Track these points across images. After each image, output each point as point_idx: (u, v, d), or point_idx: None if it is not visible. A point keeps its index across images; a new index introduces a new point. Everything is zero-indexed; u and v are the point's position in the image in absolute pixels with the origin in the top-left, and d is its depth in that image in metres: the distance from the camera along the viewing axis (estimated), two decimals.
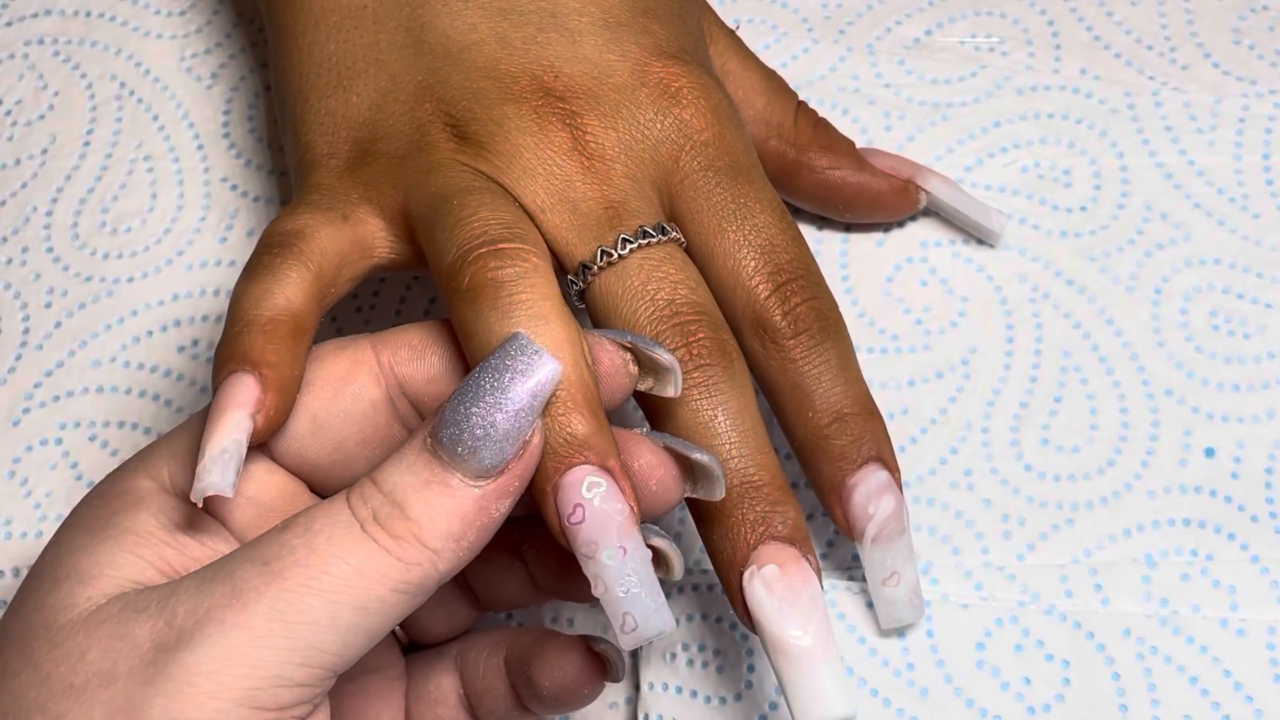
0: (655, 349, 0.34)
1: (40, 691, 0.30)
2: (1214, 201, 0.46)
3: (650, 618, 0.31)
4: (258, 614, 0.30)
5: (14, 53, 0.53)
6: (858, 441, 0.38)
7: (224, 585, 0.30)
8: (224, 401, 0.33)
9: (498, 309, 0.33)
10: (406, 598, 0.31)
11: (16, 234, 0.50)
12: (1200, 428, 0.43)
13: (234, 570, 0.30)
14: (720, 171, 0.38)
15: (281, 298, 0.35)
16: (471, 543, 0.31)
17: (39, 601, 0.32)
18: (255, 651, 0.29)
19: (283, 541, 0.31)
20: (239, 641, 0.29)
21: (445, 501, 0.31)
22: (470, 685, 0.38)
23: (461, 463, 0.31)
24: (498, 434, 0.31)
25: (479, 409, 0.31)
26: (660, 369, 0.35)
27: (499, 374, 0.31)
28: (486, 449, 0.31)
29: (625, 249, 0.37)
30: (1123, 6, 0.49)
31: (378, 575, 0.30)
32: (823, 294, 0.38)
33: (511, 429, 0.31)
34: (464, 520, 0.31)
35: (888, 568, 0.39)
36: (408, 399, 0.35)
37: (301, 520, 0.31)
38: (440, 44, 0.39)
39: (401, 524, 0.30)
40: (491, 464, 0.31)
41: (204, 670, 0.29)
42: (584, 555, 0.32)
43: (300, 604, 0.30)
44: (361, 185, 0.38)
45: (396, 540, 0.30)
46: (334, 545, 0.30)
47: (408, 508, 0.30)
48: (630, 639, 0.32)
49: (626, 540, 0.32)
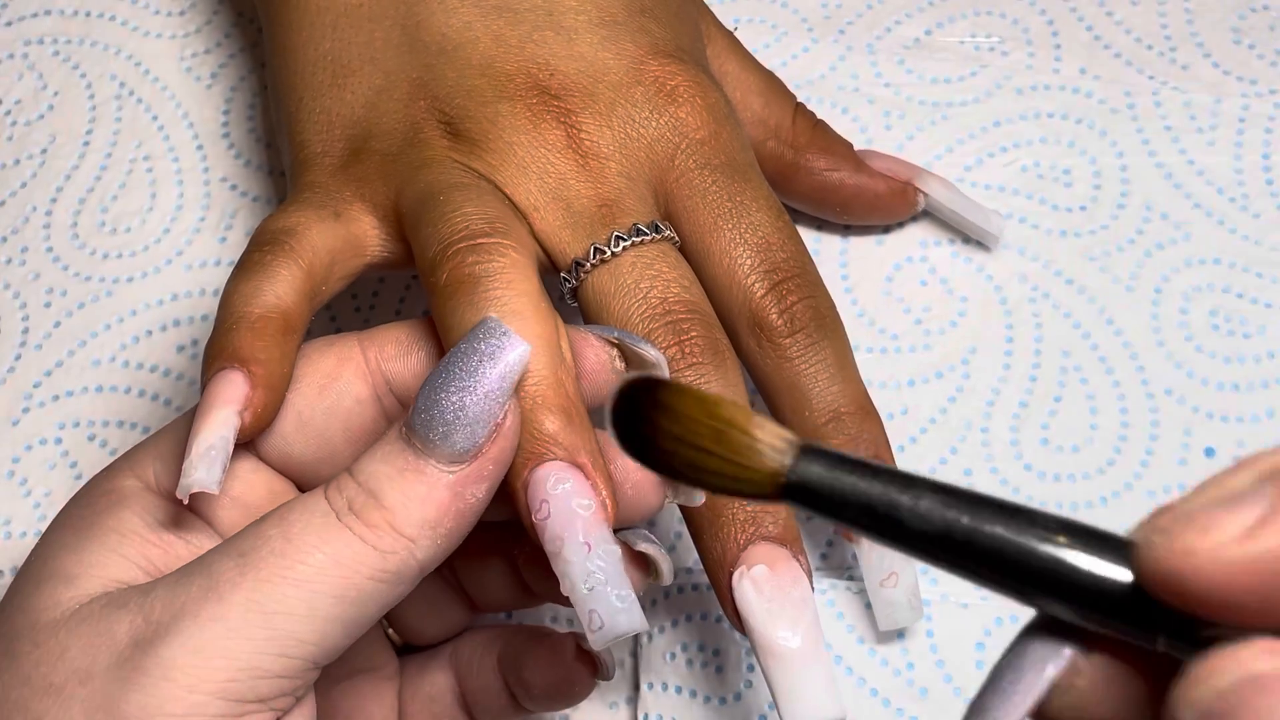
0: (641, 344, 0.34)
1: (22, 691, 0.30)
2: (1214, 201, 0.46)
3: (617, 616, 0.31)
4: (233, 605, 0.29)
5: (14, 52, 0.53)
6: (855, 441, 0.38)
7: (200, 579, 0.30)
8: (212, 398, 0.33)
9: (473, 304, 0.33)
10: (386, 586, 0.30)
11: (16, 234, 0.50)
12: (1200, 427, 0.43)
13: (210, 563, 0.30)
14: (716, 169, 0.38)
15: (272, 295, 0.35)
16: (450, 530, 0.31)
17: (23, 602, 0.32)
18: (231, 643, 0.29)
19: (259, 533, 0.30)
20: (214, 634, 0.29)
21: (419, 489, 0.30)
22: (465, 683, 0.38)
23: (435, 448, 0.30)
24: (468, 417, 0.30)
25: (448, 393, 0.30)
26: (646, 365, 0.34)
27: (467, 358, 0.31)
28: (458, 433, 0.30)
29: (619, 247, 0.37)
30: (1123, 6, 0.49)
31: (354, 564, 0.30)
32: (819, 293, 0.38)
33: (482, 411, 0.30)
34: (439, 507, 0.31)
35: (885, 568, 0.38)
36: (395, 396, 0.35)
37: (278, 513, 0.31)
38: (435, 41, 0.39)
39: (376, 512, 0.30)
40: (464, 448, 0.31)
41: (179, 664, 0.29)
42: (551, 552, 0.32)
43: (276, 594, 0.30)
44: (355, 183, 0.38)
45: (371, 529, 0.30)
46: (309, 535, 0.30)
47: (382, 496, 0.30)
48: (597, 637, 0.31)
49: (592, 536, 0.31)
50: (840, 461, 0.23)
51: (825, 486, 0.23)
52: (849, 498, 0.22)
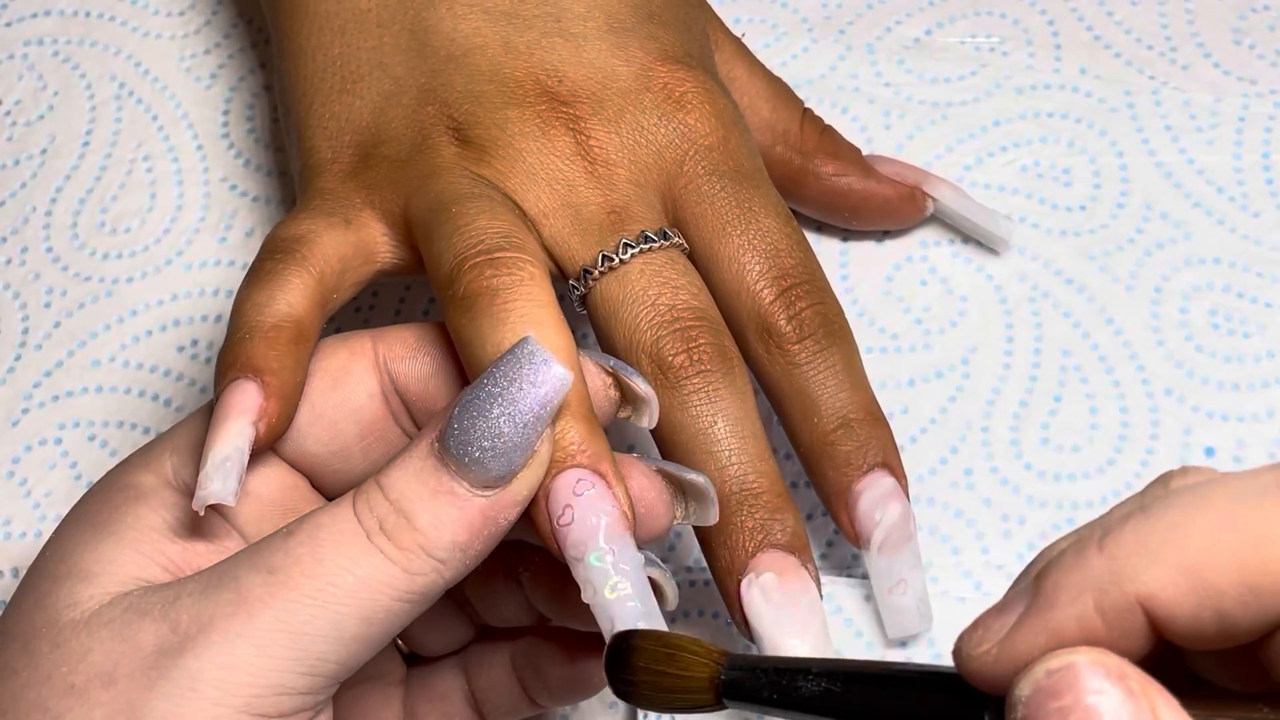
0: (635, 378, 0.34)
1: (41, 690, 0.30)
2: (1214, 200, 0.46)
3: (639, 623, 0.31)
4: (262, 624, 0.29)
5: (13, 53, 0.53)
6: (864, 448, 0.37)
7: (229, 592, 0.30)
8: (226, 408, 0.32)
9: (492, 317, 0.33)
10: (411, 606, 0.31)
11: (16, 234, 0.50)
12: (1200, 427, 0.43)
13: (239, 576, 0.30)
14: (724, 176, 0.38)
15: (284, 303, 0.34)
16: (478, 552, 0.31)
17: (40, 599, 0.32)
18: (259, 661, 0.29)
19: (288, 549, 0.30)
20: (243, 651, 0.29)
21: (452, 511, 0.30)
22: (475, 680, 0.38)
23: (469, 472, 0.30)
24: (506, 445, 0.30)
25: (487, 419, 0.30)
26: (637, 400, 0.34)
27: (509, 383, 0.30)
28: (495, 460, 0.30)
29: (627, 254, 0.37)
30: (1123, 6, 0.49)
31: (383, 586, 0.30)
32: (828, 299, 0.38)
33: (520, 440, 0.30)
34: (471, 530, 0.30)
35: (894, 575, 0.38)
36: (399, 396, 0.35)
37: (306, 527, 0.31)
38: (444, 47, 0.39)
39: (408, 534, 0.30)
40: (499, 474, 0.30)
41: (207, 677, 0.29)
42: (573, 559, 0.31)
43: (305, 615, 0.30)
44: (364, 189, 0.38)
45: (403, 551, 0.30)
46: (340, 555, 0.30)
47: (414, 518, 0.30)
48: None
49: (615, 542, 0.31)
50: (754, 666, 0.28)
51: (746, 683, 0.28)
52: (764, 689, 0.28)
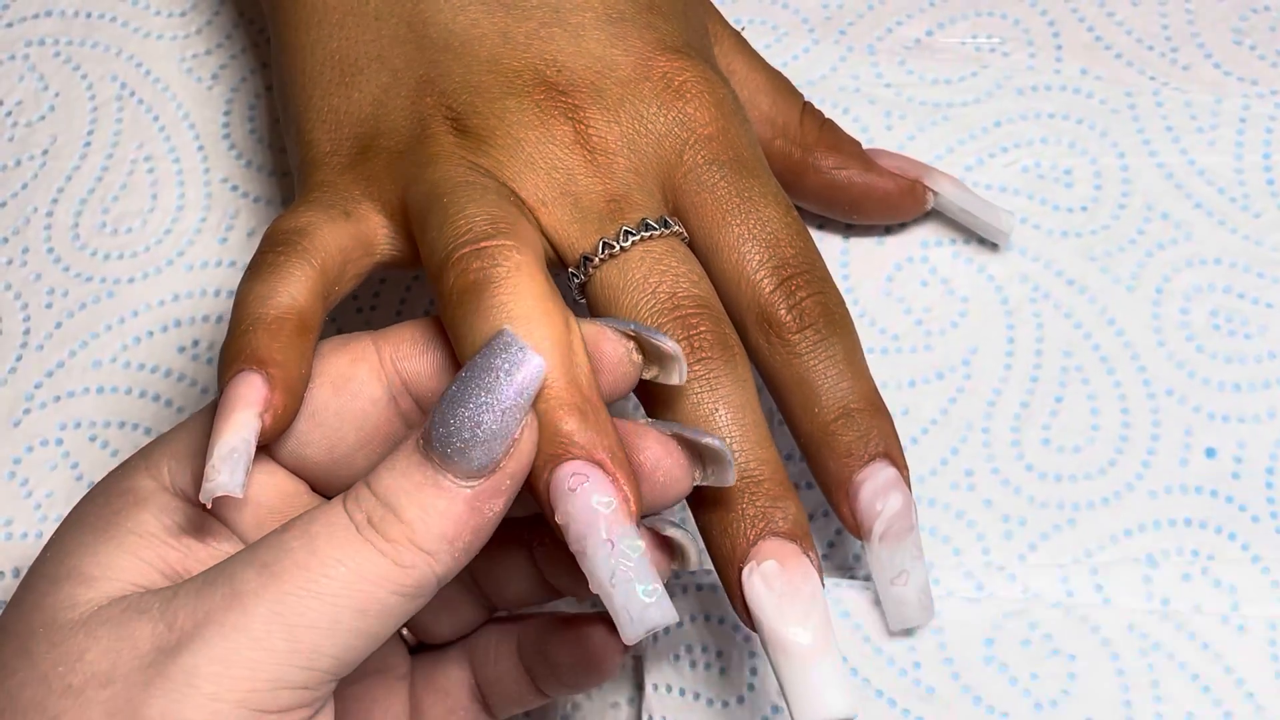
0: (659, 337, 0.34)
1: (38, 690, 0.30)
2: (1215, 201, 0.46)
3: (646, 611, 0.31)
4: (257, 616, 0.30)
5: (15, 54, 0.53)
6: (865, 437, 0.37)
7: (224, 588, 0.30)
8: (231, 401, 0.32)
9: (479, 311, 0.33)
10: (406, 600, 0.31)
11: (17, 234, 0.50)
12: (1201, 427, 0.43)
13: (234, 573, 0.30)
14: (724, 165, 0.38)
15: (286, 295, 0.34)
16: (467, 544, 0.31)
17: (39, 600, 0.32)
18: (255, 654, 0.29)
19: (282, 544, 0.30)
20: (238, 644, 0.29)
21: (438, 503, 0.30)
22: (481, 672, 0.38)
23: (452, 464, 0.30)
24: (485, 434, 0.30)
25: (465, 409, 0.30)
26: (664, 357, 0.34)
27: (484, 373, 0.31)
28: (475, 449, 0.30)
29: (627, 241, 0.37)
30: (1124, 7, 0.49)
31: (376, 578, 0.30)
32: (829, 288, 0.38)
33: (499, 428, 0.31)
34: (457, 522, 0.31)
35: (896, 566, 0.38)
36: (411, 396, 0.34)
37: (300, 523, 0.31)
38: (442, 38, 0.39)
39: (396, 527, 0.30)
40: (481, 464, 0.31)
41: (203, 672, 0.29)
42: (576, 551, 0.32)
43: (299, 606, 0.30)
44: (364, 181, 0.38)
45: (391, 544, 0.30)
46: (332, 548, 0.30)
47: (401, 511, 0.30)
48: (629, 633, 0.31)
49: (615, 533, 0.31)
50: None
51: None
52: None
